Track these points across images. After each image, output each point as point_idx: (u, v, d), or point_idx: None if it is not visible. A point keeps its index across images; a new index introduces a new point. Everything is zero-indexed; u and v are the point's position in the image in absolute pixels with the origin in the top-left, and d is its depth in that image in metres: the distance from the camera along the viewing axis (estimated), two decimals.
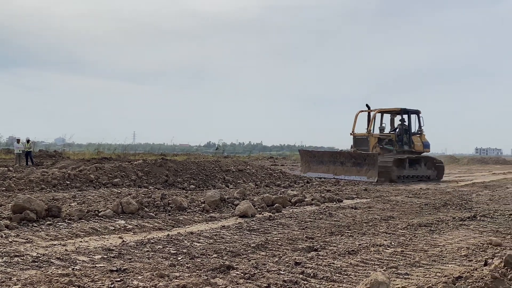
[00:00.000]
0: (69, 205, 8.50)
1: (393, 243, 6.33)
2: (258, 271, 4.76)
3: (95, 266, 4.81)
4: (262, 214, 8.72)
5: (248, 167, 16.27)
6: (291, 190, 12.51)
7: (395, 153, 21.16)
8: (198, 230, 6.99)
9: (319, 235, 6.83)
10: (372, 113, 21.83)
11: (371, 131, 21.34)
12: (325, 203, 10.65)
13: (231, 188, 13.03)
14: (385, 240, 6.56)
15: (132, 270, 4.68)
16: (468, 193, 13.92)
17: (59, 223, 7.06)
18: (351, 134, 21.78)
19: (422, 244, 6.37)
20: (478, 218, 8.78)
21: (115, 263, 4.98)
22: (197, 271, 4.74)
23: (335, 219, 8.44)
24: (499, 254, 5.55)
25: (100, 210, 7.99)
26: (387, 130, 22.66)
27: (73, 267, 4.75)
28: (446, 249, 6.06)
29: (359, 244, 6.21)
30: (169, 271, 4.70)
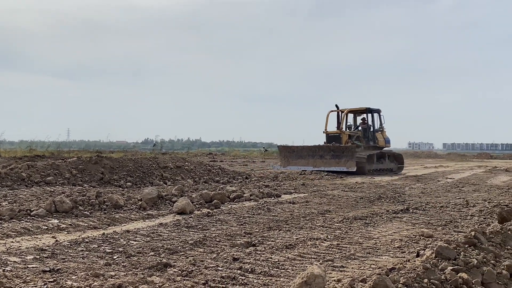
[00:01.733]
0: (0, 204, 8.19)
1: (329, 237, 6.44)
2: (196, 268, 4.73)
3: (27, 267, 4.66)
4: (201, 211, 8.68)
5: (186, 163, 16.15)
6: (230, 186, 12.52)
7: (363, 148, 22.69)
8: (135, 228, 6.89)
9: (257, 230, 6.87)
10: (341, 113, 23.73)
11: (342, 129, 23.19)
12: (264, 199, 10.72)
13: (169, 185, 12.90)
14: (322, 233, 6.67)
15: (66, 270, 4.56)
16: (401, 187, 14.33)
17: None
18: (324, 132, 23.48)
19: (357, 237, 6.51)
20: (411, 210, 9.06)
21: (48, 263, 4.84)
22: (133, 269, 4.67)
23: (273, 214, 8.50)
24: (431, 245, 5.74)
25: (32, 209, 7.74)
26: (353, 128, 24.27)
27: (3, 268, 4.58)
28: (380, 241, 6.21)
29: (297, 238, 6.28)
30: (104, 270, 4.60)
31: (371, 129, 23.90)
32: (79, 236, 6.31)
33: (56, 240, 5.98)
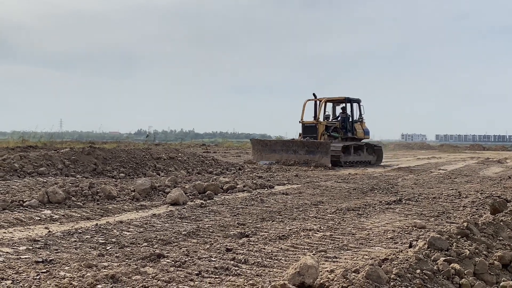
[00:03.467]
0: None
1: (322, 228, 6.45)
2: (189, 258, 4.74)
3: (20, 258, 4.65)
4: (194, 202, 8.68)
5: (179, 154, 16.13)
6: (223, 177, 12.51)
7: (340, 140, 22.29)
8: (128, 219, 6.88)
9: (250, 221, 6.88)
10: (319, 102, 22.85)
11: (319, 119, 22.30)
12: (257, 190, 10.72)
13: (162, 176, 12.89)
14: (315, 224, 6.68)
15: (58, 261, 4.56)
16: (394, 178, 14.38)
17: None
18: (300, 122, 22.58)
19: (350, 227, 6.53)
20: (404, 201, 9.09)
21: (41, 254, 4.83)
22: (127, 260, 4.66)
23: (267, 205, 8.52)
24: (423, 236, 5.77)
25: (25, 200, 7.71)
26: (331, 118, 23.69)
27: None
28: (373, 232, 6.24)
29: (290, 229, 6.30)
30: (98, 261, 4.60)
31: (350, 120, 23.22)
32: (72, 226, 6.30)
33: (49, 231, 5.97)
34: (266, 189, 11.01)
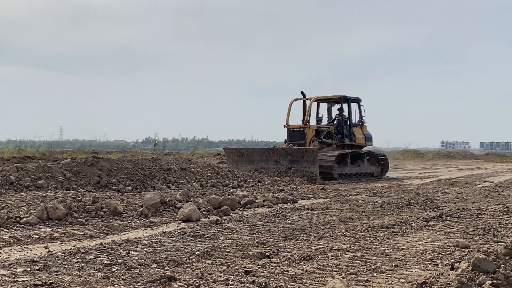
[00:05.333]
0: None
1: (352, 247, 6.43)
2: (204, 281, 4.75)
3: (17, 280, 4.70)
4: (208, 218, 8.71)
5: (192, 165, 16.19)
6: (241, 191, 12.53)
7: (335, 147, 21.09)
8: (136, 237, 6.93)
9: (271, 240, 6.88)
10: (308, 102, 21.45)
11: (308, 123, 20.87)
12: (279, 204, 10.73)
13: (173, 189, 12.95)
14: (344, 244, 6.66)
15: (59, 284, 4.60)
16: (433, 191, 14.27)
17: None
18: (285, 126, 21.29)
19: (384, 247, 6.49)
20: (444, 218, 9.01)
21: (40, 276, 4.88)
22: (134, 283, 4.69)
23: (289, 221, 8.51)
24: (467, 257, 5.71)
25: (22, 216, 7.81)
26: (325, 121, 22.48)
27: None
28: (409, 252, 6.19)
29: (316, 249, 6.28)
30: (102, 284, 4.64)
31: (348, 123, 21.69)
32: (74, 246, 6.36)
33: (49, 251, 6.03)
34: (288, 203, 11.01)
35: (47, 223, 7.72)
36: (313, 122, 21.60)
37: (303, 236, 7.21)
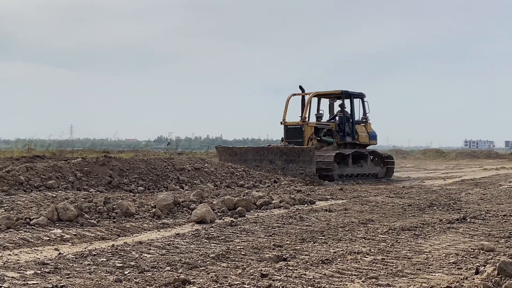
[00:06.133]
0: None
1: (372, 250, 6.40)
2: (219, 285, 4.76)
3: (27, 284, 4.74)
4: (223, 220, 8.72)
5: (206, 165, 16.22)
6: (256, 191, 12.54)
7: (336, 146, 20.50)
8: (148, 239, 6.95)
9: (288, 242, 6.87)
10: (307, 97, 20.82)
11: (306, 119, 20.29)
12: (295, 206, 10.72)
13: (187, 190, 12.99)
14: (364, 246, 6.64)
15: (70, 287, 4.63)
16: (456, 192, 14.18)
17: None
18: (281, 123, 20.68)
19: (406, 250, 6.46)
20: (468, 220, 8.95)
21: (50, 279, 4.91)
22: (147, 286, 4.71)
23: (307, 223, 8.50)
24: (492, 260, 5.67)
25: (32, 217, 7.86)
26: (326, 118, 21.88)
27: (0, 284, 4.67)
28: (432, 256, 6.16)
29: (334, 252, 6.27)
30: (114, 287, 4.66)
31: (350, 120, 21.02)
32: (85, 248, 6.40)
33: (59, 253, 6.07)
34: (306, 205, 11.00)
35: (57, 224, 7.77)
36: (312, 119, 21.07)
37: (321, 238, 7.20)
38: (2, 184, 11.35)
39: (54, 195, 10.54)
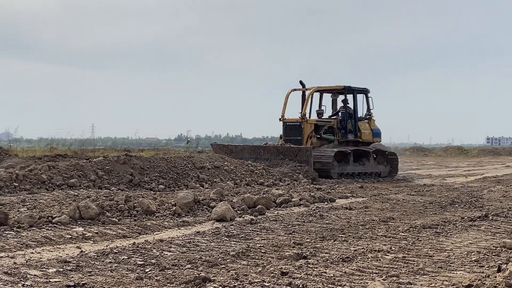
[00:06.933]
0: (18, 211, 8.41)
1: (393, 248, 6.38)
2: (239, 283, 4.77)
3: (49, 281, 4.78)
4: (243, 218, 8.73)
5: (226, 163, 16.25)
6: (276, 189, 12.53)
7: (337, 144, 19.76)
8: (169, 237, 6.98)
9: (308, 240, 6.86)
10: (307, 93, 20.09)
11: (306, 116, 19.62)
12: (315, 204, 10.71)
13: (207, 188, 13.02)
14: (385, 244, 6.61)
15: (92, 285, 4.66)
16: (478, 189, 14.08)
17: (6, 232, 6.98)
18: (280, 119, 20.03)
19: (427, 248, 6.43)
20: (490, 217, 8.89)
21: (72, 277, 4.95)
22: (168, 284, 4.73)
23: (327, 221, 8.48)
24: None
25: (54, 216, 7.93)
26: (328, 114, 21.16)
27: (23, 282, 4.71)
28: (454, 253, 6.12)
29: (355, 250, 6.25)
30: (136, 285, 4.68)
31: (353, 117, 20.20)
32: (106, 246, 6.44)
33: (81, 251, 6.12)
34: (326, 203, 10.98)
35: (79, 222, 7.82)
36: (313, 115, 20.43)
37: (341, 236, 7.18)
38: (25, 182, 11.46)
39: (76, 194, 10.62)
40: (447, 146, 62.94)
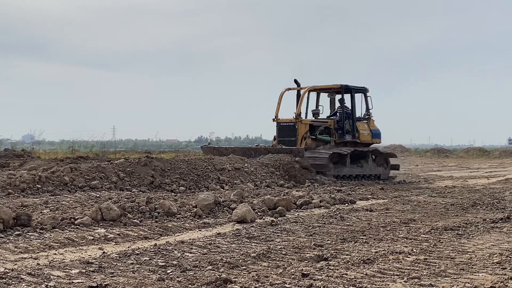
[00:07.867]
0: (41, 212, 8.50)
1: (414, 250, 6.35)
2: (260, 284, 4.77)
3: (72, 282, 4.82)
4: (263, 219, 8.74)
5: (246, 165, 16.25)
6: (296, 191, 12.53)
7: (333, 145, 18.87)
8: (190, 239, 7.01)
9: (329, 242, 6.85)
10: (302, 92, 19.52)
11: (300, 116, 18.87)
12: (336, 205, 10.68)
13: (227, 190, 13.04)
14: (406, 246, 6.58)
15: (114, 286, 4.70)
16: (500, 191, 13.95)
17: (30, 233, 7.06)
18: (274, 120, 19.31)
19: (449, 250, 6.39)
20: None
21: (95, 278, 4.99)
22: (190, 285, 4.75)
23: (348, 223, 8.46)
24: None
25: (76, 217, 8.00)
26: (325, 114, 20.38)
27: (46, 283, 4.76)
28: (476, 255, 6.08)
29: (376, 252, 6.23)
30: (157, 286, 4.71)
31: (351, 117, 19.45)
32: (128, 247, 6.48)
33: (103, 252, 6.17)
34: (346, 204, 10.95)
35: (101, 224, 7.88)
36: (309, 115, 19.89)
37: (362, 238, 7.16)
38: (48, 184, 11.56)
39: (98, 195, 10.70)
40: (469, 148, 62.39)
